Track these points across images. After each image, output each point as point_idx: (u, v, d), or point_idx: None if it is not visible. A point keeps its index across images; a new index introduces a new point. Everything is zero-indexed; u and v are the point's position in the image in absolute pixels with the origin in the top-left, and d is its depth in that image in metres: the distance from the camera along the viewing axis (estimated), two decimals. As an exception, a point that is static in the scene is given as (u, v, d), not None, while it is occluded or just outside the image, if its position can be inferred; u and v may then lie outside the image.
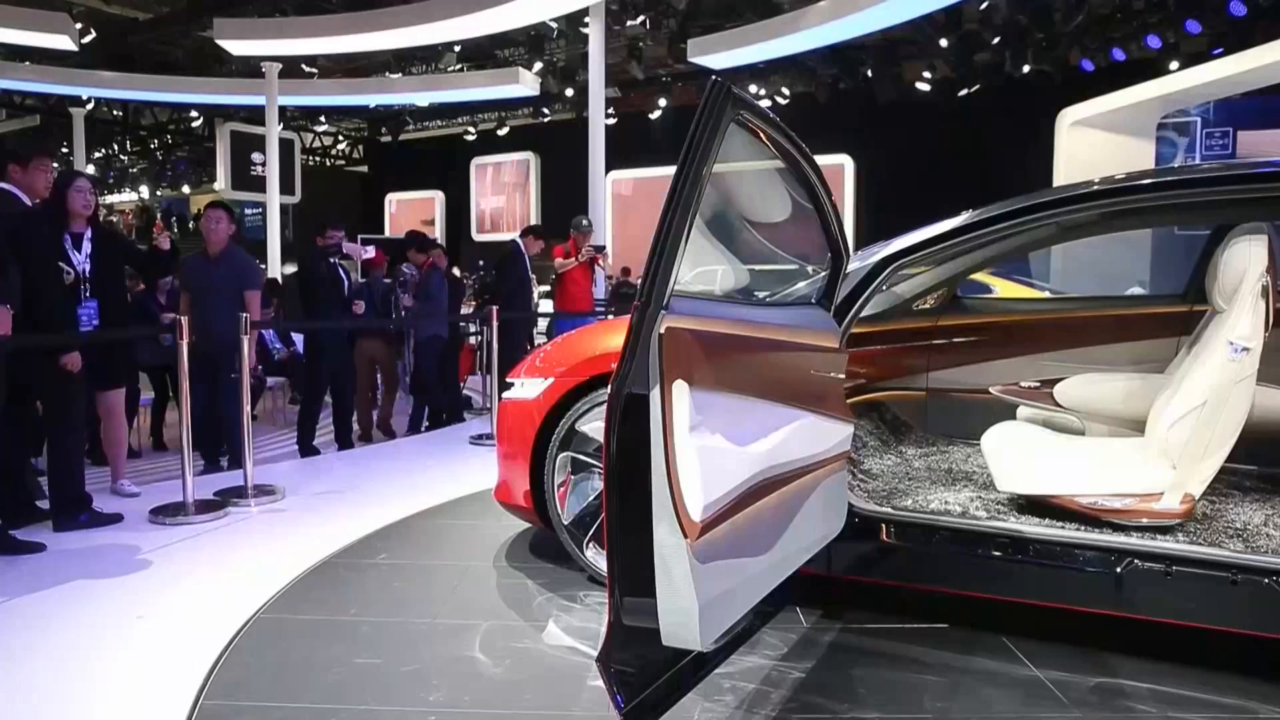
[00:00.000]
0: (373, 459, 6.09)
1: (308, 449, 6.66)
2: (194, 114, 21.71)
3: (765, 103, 16.77)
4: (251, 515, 4.44)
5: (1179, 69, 12.70)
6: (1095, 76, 13.72)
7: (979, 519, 2.88)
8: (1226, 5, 11.48)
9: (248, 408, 4.87)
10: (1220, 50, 12.22)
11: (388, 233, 22.99)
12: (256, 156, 18.65)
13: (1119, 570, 2.59)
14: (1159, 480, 2.76)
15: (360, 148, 25.98)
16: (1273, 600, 2.43)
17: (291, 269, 13.37)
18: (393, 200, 24.20)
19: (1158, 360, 3.62)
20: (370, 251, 7.20)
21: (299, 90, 17.33)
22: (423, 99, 18.83)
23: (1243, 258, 2.81)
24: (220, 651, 2.76)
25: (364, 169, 26.15)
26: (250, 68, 16.28)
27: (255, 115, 18.09)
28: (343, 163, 26.26)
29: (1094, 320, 4.12)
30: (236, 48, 14.38)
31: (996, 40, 13.80)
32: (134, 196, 26.76)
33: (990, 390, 3.73)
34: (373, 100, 19.17)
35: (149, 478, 5.56)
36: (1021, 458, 3.03)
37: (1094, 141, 12.39)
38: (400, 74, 17.64)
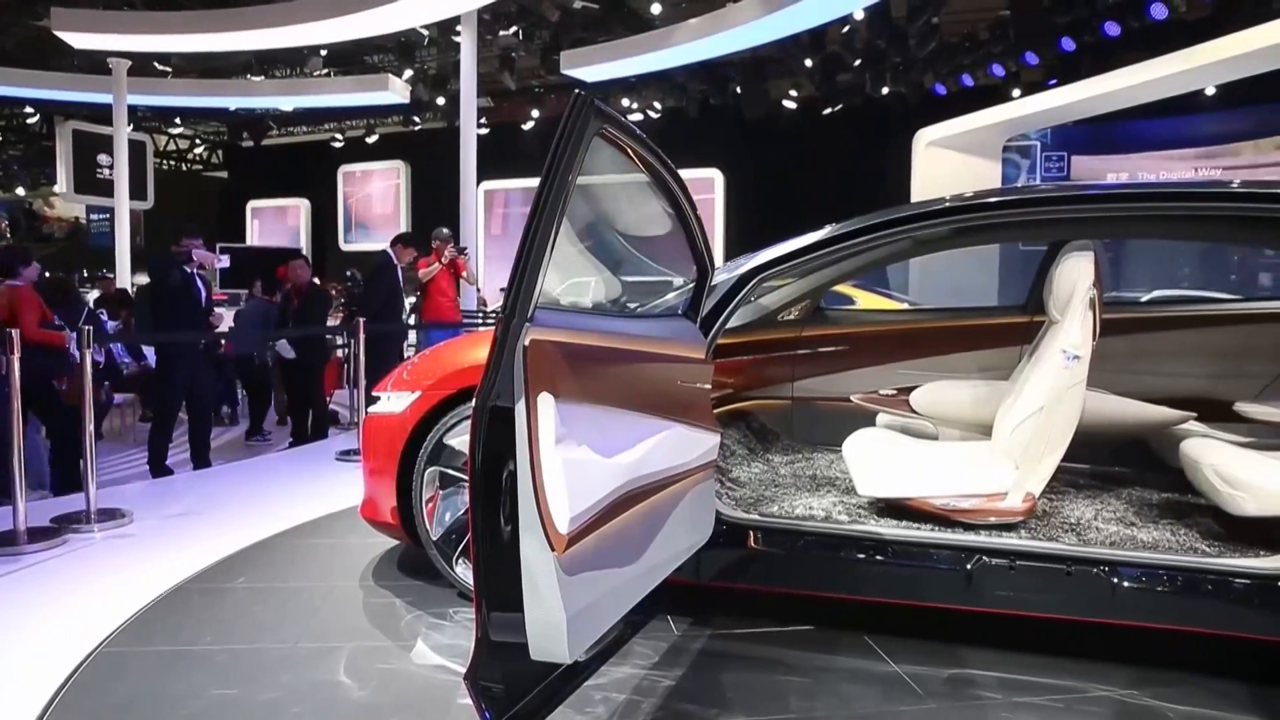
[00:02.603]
0: (232, 478, 5.80)
1: (160, 469, 6.28)
2: (29, 110, 20.17)
3: (637, 117, 17.00)
4: (94, 542, 4.15)
5: (1020, 96, 13.62)
6: (947, 100, 14.56)
7: (841, 523, 2.98)
8: (1058, 41, 12.39)
9: (90, 426, 4.55)
10: (1054, 81, 13.18)
11: (250, 241, 22.04)
12: (104, 158, 17.50)
13: (969, 567, 2.73)
14: (1004, 481, 2.93)
15: (219, 152, 24.79)
16: (1102, 588, 2.62)
17: (144, 278, 12.63)
18: (254, 208, 23.18)
19: (1003, 368, 3.85)
20: (225, 260, 6.84)
21: (151, 89, 16.36)
22: (286, 103, 18.14)
23: (1073, 272, 3.03)
24: (54, 693, 2.55)
25: (223, 174, 24.96)
26: (95, 63, 15.26)
27: (102, 114, 16.98)
28: (200, 167, 25.00)
29: (946, 331, 4.34)
30: (77, 40, 13.41)
31: (857, 63, 14.44)
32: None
33: (851, 399, 3.88)
34: (233, 103, 18.29)
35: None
36: (880, 463, 3.16)
37: (947, 161, 13.12)
38: (262, 77, 16.95)
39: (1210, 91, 12.99)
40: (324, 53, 15.53)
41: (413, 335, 9.52)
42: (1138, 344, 3.93)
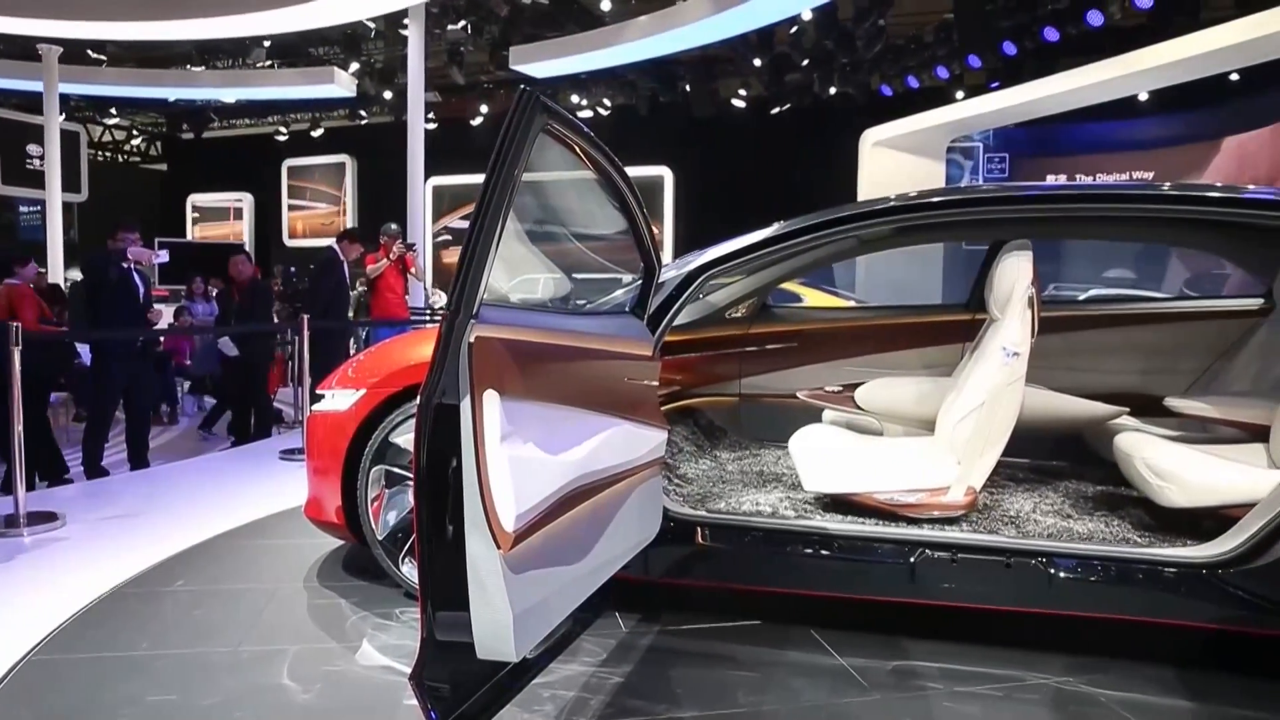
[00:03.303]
0: (171, 478, 5.66)
1: (95, 470, 6.11)
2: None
3: (586, 114, 16.97)
4: (23, 547, 4.02)
5: (964, 98, 13.90)
6: (893, 101, 14.80)
7: (788, 518, 3.01)
8: (1000, 45, 12.67)
9: (19, 426, 4.40)
10: (996, 84, 13.47)
11: (189, 236, 21.51)
12: (34, 148, 16.90)
13: (912, 560, 2.78)
14: (946, 475, 2.99)
15: (158, 144, 24.11)
16: (1040, 579, 2.68)
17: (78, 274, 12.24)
18: (195, 202, 22.61)
19: (946, 365, 3.93)
20: (164, 255, 6.63)
21: (85, 78, 15.88)
22: (229, 95, 17.74)
23: (1012, 271, 3.11)
24: (-24, 704, 2.48)
25: (162, 167, 24.28)
26: (24, 49, 14.73)
27: (32, 102, 16.41)
28: (138, 160, 24.28)
29: (891, 328, 4.41)
30: (4, 25, 12.84)
31: (805, 63, 14.59)
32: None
33: (798, 395, 3.92)
34: (172, 94, 17.83)
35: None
36: (825, 459, 3.20)
37: (892, 161, 13.31)
38: (203, 67, 16.54)
39: (1143, 97, 13.39)
40: (267, 44, 15.24)
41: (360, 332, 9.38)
42: (1074, 341, 4.03)
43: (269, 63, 16.20)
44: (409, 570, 3.11)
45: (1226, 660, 2.72)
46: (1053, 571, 2.68)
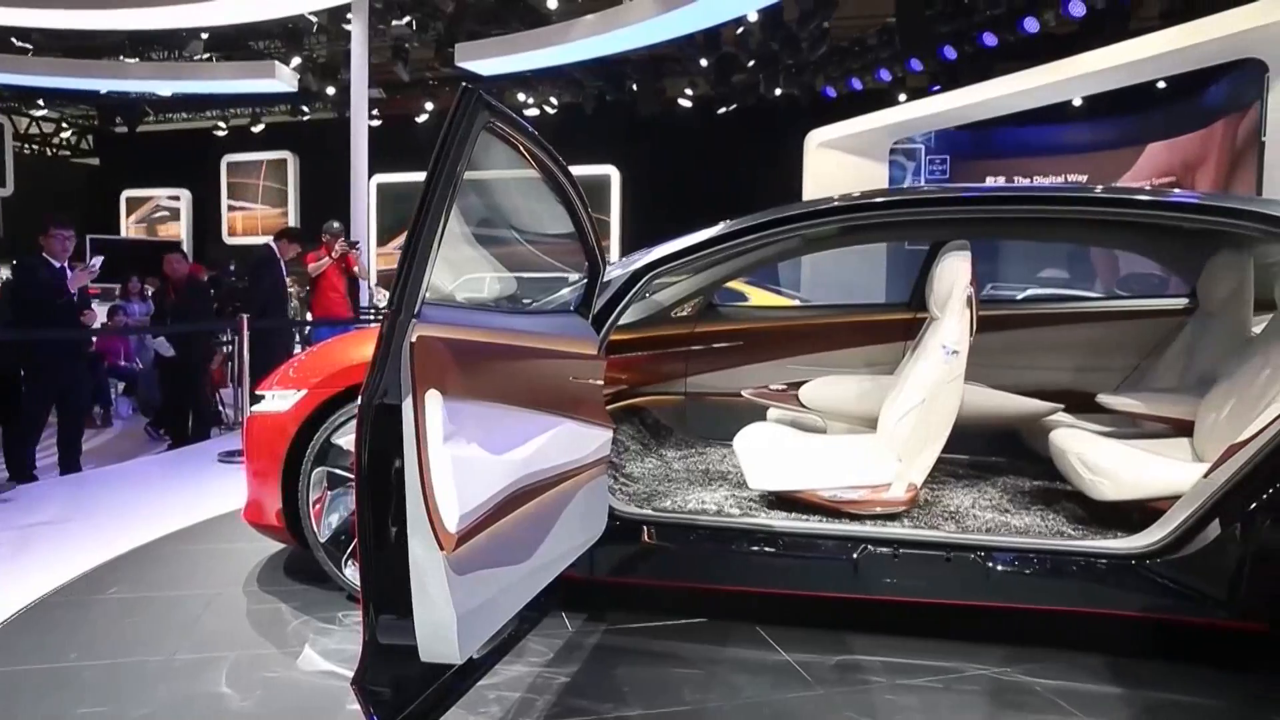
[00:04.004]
0: (104, 483, 5.50)
1: (22, 475, 5.89)
2: None
3: (533, 112, 16.89)
4: (-54, 554, 3.87)
5: (905, 101, 14.14)
6: (837, 103, 14.99)
7: (733, 516, 3.04)
8: (940, 49, 12.92)
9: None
10: (937, 87, 13.74)
11: (123, 233, 20.90)
12: (-46, 140, 16.30)
13: (855, 556, 2.82)
14: (888, 472, 3.04)
15: (89, 138, 23.36)
16: (978, 572, 2.74)
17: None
18: (129, 197, 21.95)
19: (888, 363, 3.99)
20: (97, 264, 6.36)
21: (10, 67, 15.30)
22: (164, 88, 17.23)
23: (952, 271, 3.17)
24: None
25: (94, 161, 23.52)
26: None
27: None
28: (68, 153, 23.50)
29: (834, 327, 4.47)
30: (-78, 11, 12.41)
31: (751, 64, 14.71)
32: None
33: (742, 394, 3.96)
34: (104, 85, 17.25)
35: None
36: (770, 457, 3.23)
37: (836, 162, 13.46)
38: (137, 59, 16.06)
39: (1078, 103, 13.78)
40: (205, 36, 14.86)
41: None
42: (1011, 340, 4.13)
43: (207, 55, 15.80)
44: (352, 573, 3.07)
45: (1155, 647, 2.81)
46: (991, 565, 2.74)
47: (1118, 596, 2.68)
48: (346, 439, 3.03)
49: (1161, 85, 13.11)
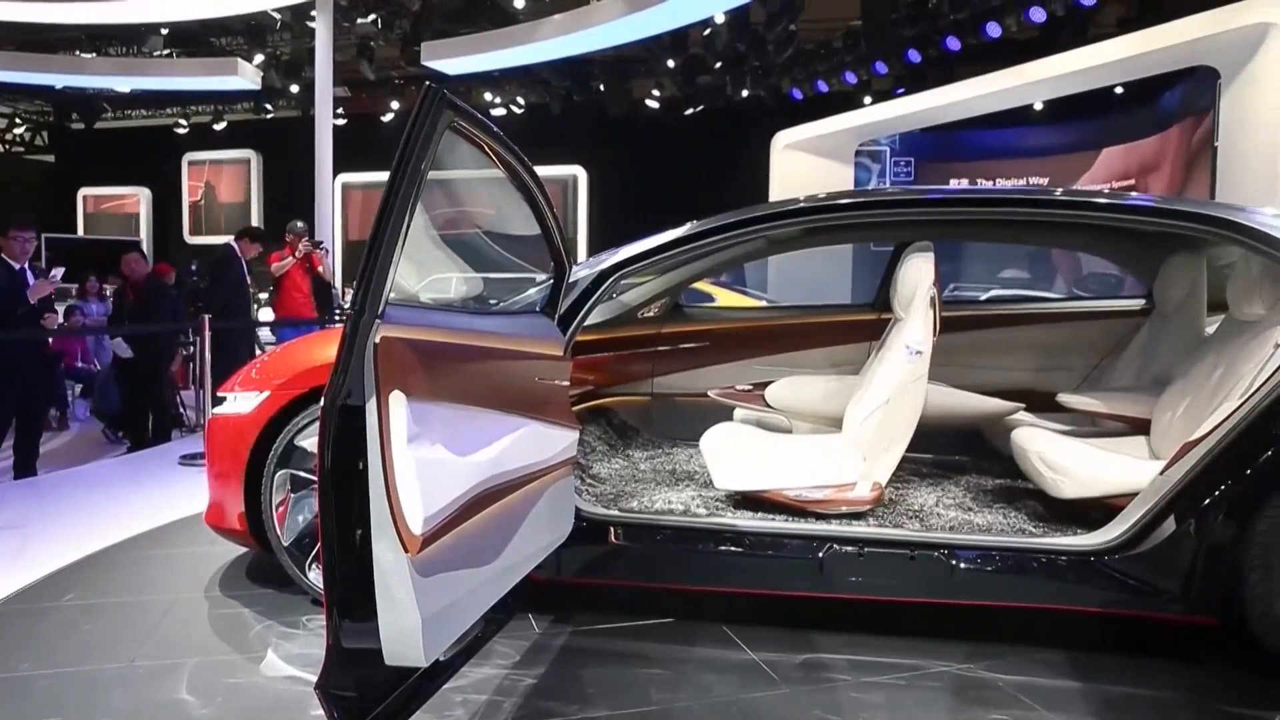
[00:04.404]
0: (61, 487, 5.39)
1: (-25, 479, 5.76)
2: None
3: (500, 112, 16.81)
4: (-105, 561, 3.77)
5: (871, 103, 14.28)
6: (803, 104, 15.09)
7: (700, 516, 3.05)
8: (905, 53, 13.06)
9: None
10: (902, 90, 13.89)
11: (80, 232, 20.49)
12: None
13: (821, 555, 2.84)
14: (853, 471, 3.07)
15: (44, 134, 22.85)
16: (942, 570, 2.78)
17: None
18: (87, 196, 21.51)
19: (854, 363, 4.03)
20: (59, 274, 6.22)
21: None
22: (123, 84, 16.89)
23: (915, 272, 3.21)
24: None
25: (49, 158, 23.03)
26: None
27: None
28: (22, 150, 22.96)
29: (800, 327, 4.50)
30: None
31: (718, 65, 14.76)
32: None
33: (709, 394, 3.97)
34: (60, 81, 16.88)
35: None
36: (736, 457, 3.24)
37: (803, 163, 13.56)
38: (94, 54, 15.74)
39: (1039, 107, 14.00)
40: (164, 32, 14.62)
41: (265, 333, 9.10)
42: (974, 340, 4.19)
43: (167, 52, 15.53)
44: (315, 576, 3.04)
45: (1113, 641, 2.86)
46: (954, 563, 2.78)
47: (1077, 592, 2.73)
48: (310, 441, 3.00)
49: (1119, 91, 13.37)
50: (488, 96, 16.74)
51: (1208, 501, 2.57)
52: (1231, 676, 2.68)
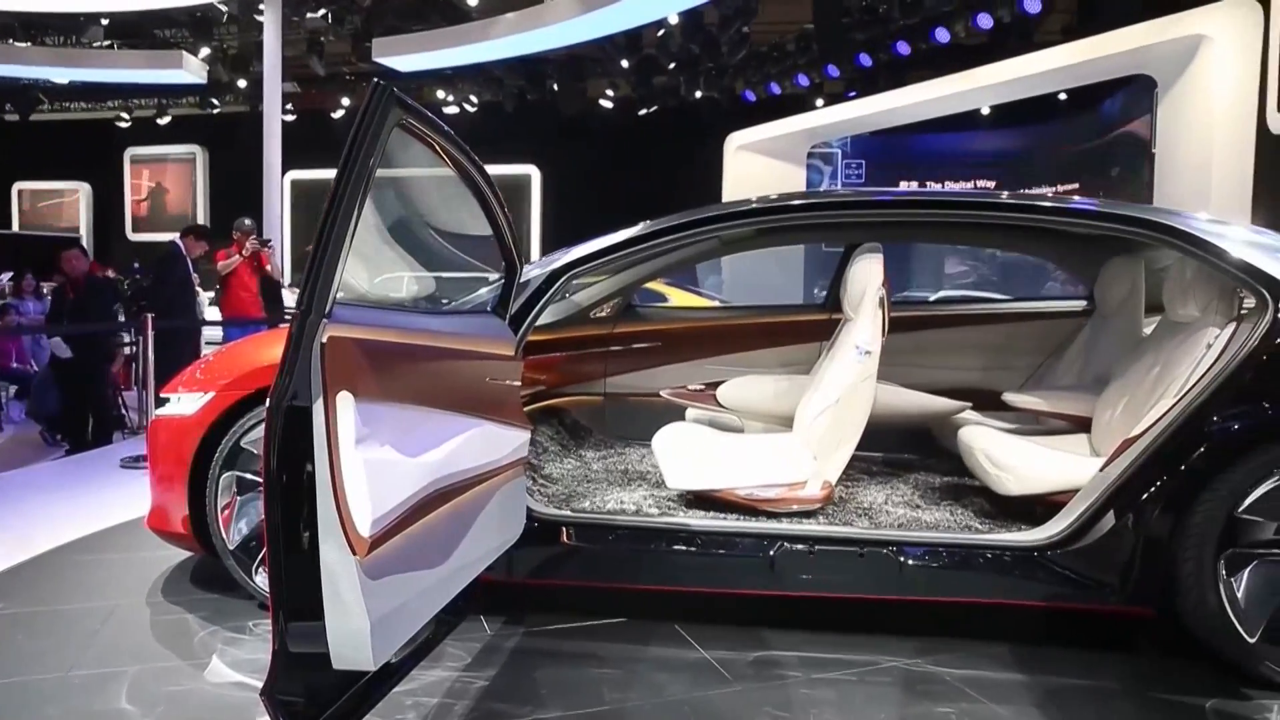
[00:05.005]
0: (-7, 491, 5.22)
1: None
2: None
3: (453, 110, 16.67)
4: None
5: (823, 106, 14.44)
6: (756, 106, 15.22)
7: (652, 516, 3.05)
8: (856, 56, 13.24)
9: None
10: (853, 94, 14.07)
11: (15, 227, 19.85)
12: None
13: (772, 553, 2.86)
14: (803, 470, 3.10)
15: (-25, 126, 22.07)
16: (891, 567, 2.82)
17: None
18: (22, 190, 20.83)
19: (805, 363, 4.07)
20: (4, 280, 6.04)
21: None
22: (60, 75, 16.39)
23: (864, 273, 3.25)
24: None
25: (-20, 151, 22.25)
26: None
27: None
28: (-49, 141, 22.17)
29: (752, 328, 4.54)
30: None
31: (672, 66, 14.81)
32: None
33: (661, 394, 3.98)
34: (-9, 70, 16.33)
35: None
36: (688, 456, 3.26)
37: (756, 165, 13.67)
38: (29, 43, 15.25)
39: (986, 111, 14.28)
40: (105, 22, 14.22)
41: (215, 332, 8.91)
42: (922, 340, 4.25)
43: (108, 43, 15.11)
44: (262, 580, 2.98)
45: (1056, 634, 2.93)
46: (903, 559, 2.82)
47: (1022, 587, 2.79)
48: (257, 443, 2.95)
49: (1063, 97, 13.69)
50: (440, 94, 16.58)
51: (1145, 497, 2.64)
52: (1167, 665, 2.76)
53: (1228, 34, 8.69)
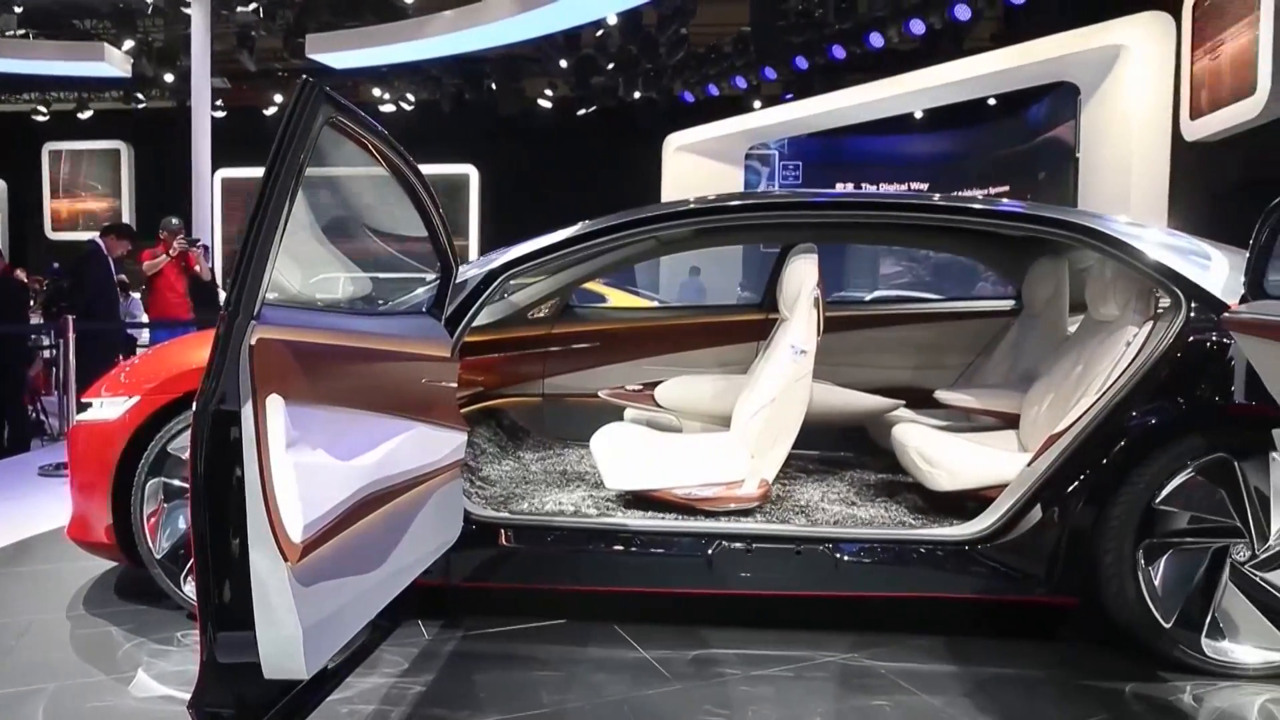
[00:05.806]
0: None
1: None
2: None
3: (389, 108, 16.42)
4: None
5: (760, 108, 14.60)
6: (695, 108, 15.33)
7: (590, 516, 3.05)
8: (793, 59, 13.42)
9: None
10: (790, 96, 14.26)
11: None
12: None
13: (710, 552, 2.87)
14: (741, 469, 3.12)
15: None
16: (827, 564, 2.86)
17: None
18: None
19: (742, 362, 4.10)
20: None
21: None
22: (-30, 66, 15.70)
23: (799, 273, 3.29)
24: None
25: (-116, 144, 21.16)
26: None
27: None
28: None
29: (689, 327, 4.56)
30: None
31: (611, 66, 14.82)
32: None
33: (599, 394, 3.98)
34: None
35: None
36: (626, 457, 3.26)
37: (694, 165, 13.77)
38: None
39: (919, 115, 14.61)
40: (19, 9, 13.67)
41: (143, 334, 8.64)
42: (856, 339, 4.32)
43: (22, 32, 14.52)
44: (191, 590, 2.89)
45: (984, 625, 3.01)
46: (839, 556, 2.86)
47: (954, 580, 2.85)
48: (185, 448, 2.87)
49: (993, 102, 14.07)
50: (376, 92, 16.33)
51: (1069, 490, 2.73)
52: (1089, 651, 2.85)
53: (1144, 45, 9.03)
